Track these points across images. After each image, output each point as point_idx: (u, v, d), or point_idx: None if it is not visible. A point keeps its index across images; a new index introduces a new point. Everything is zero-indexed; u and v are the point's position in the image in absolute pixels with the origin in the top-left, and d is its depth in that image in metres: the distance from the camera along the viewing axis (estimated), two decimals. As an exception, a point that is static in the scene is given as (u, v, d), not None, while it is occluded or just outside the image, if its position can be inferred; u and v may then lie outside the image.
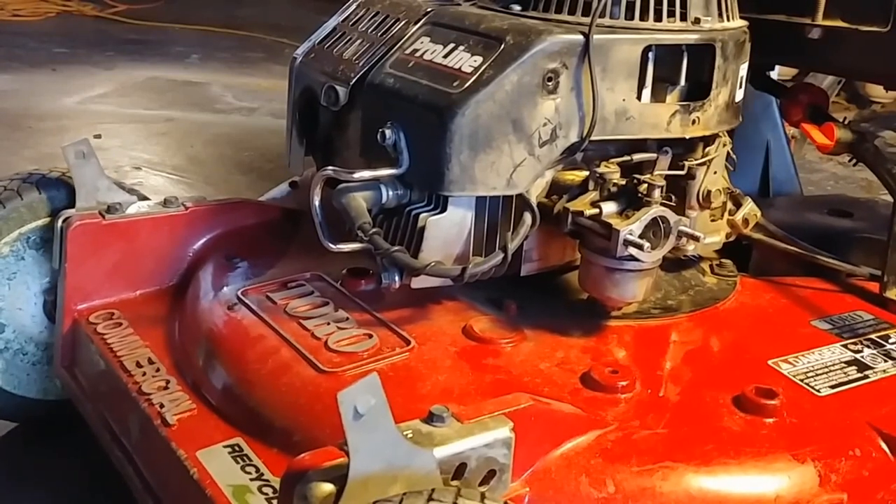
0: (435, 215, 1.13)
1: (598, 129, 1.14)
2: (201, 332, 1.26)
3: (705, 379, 1.13)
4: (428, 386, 1.09)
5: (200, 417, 1.13)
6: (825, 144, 1.46)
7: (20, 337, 1.47)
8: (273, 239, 1.45)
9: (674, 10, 1.17)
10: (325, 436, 0.99)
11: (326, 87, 1.25)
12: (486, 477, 0.87)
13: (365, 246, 1.13)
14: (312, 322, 1.20)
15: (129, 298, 1.39)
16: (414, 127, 1.13)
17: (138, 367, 1.22)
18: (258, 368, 1.15)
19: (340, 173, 1.15)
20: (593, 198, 1.16)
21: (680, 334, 1.23)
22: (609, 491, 0.95)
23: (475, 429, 0.86)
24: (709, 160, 1.25)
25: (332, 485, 0.78)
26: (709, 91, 1.19)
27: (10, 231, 1.42)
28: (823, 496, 0.99)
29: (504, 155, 1.11)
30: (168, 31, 5.30)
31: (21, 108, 3.55)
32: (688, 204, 1.26)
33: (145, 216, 1.39)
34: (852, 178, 3.24)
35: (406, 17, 1.27)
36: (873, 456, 1.02)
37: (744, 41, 1.23)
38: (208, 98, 3.95)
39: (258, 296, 1.28)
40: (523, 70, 1.09)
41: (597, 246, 1.14)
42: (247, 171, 3.06)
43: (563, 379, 1.10)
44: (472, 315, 1.21)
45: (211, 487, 1.01)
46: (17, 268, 1.44)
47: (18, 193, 1.43)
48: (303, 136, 1.37)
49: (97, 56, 4.57)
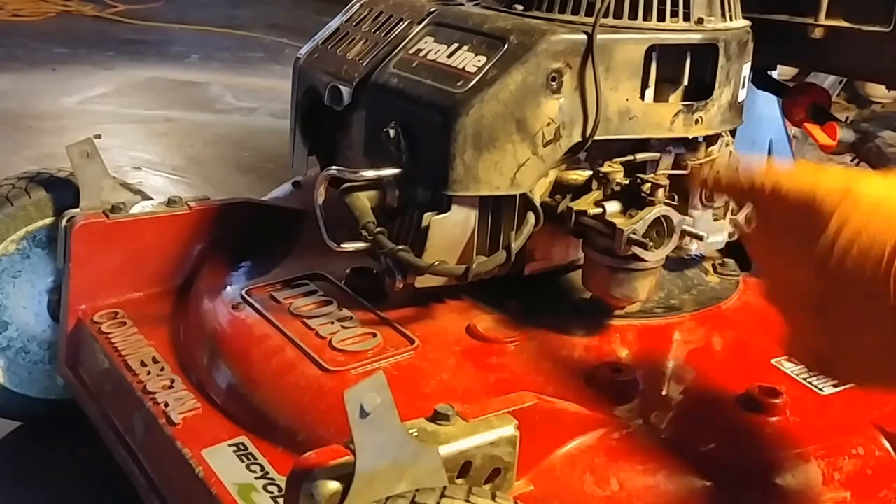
0: (439, 215, 1.13)
1: (602, 129, 1.14)
2: (206, 332, 1.26)
3: (709, 378, 1.14)
4: (432, 385, 1.09)
5: (205, 416, 1.13)
6: (828, 144, 1.47)
7: (23, 335, 1.47)
8: (277, 239, 1.45)
9: (677, 10, 1.18)
10: (330, 434, 1.00)
11: (330, 88, 1.26)
12: (491, 475, 0.87)
13: (369, 245, 1.14)
14: (317, 321, 1.21)
15: (134, 298, 1.39)
16: (418, 127, 1.13)
17: (143, 366, 1.23)
18: (263, 367, 1.15)
19: (344, 173, 1.15)
20: (597, 197, 1.17)
21: (683, 334, 1.23)
22: (613, 489, 0.95)
23: (480, 427, 0.87)
24: (712, 160, 1.26)
25: (338, 483, 0.78)
26: (712, 91, 1.20)
27: (18, 229, 1.42)
28: (827, 494, 0.99)
29: (508, 154, 1.11)
30: (168, 31, 5.30)
31: (21, 108, 3.55)
32: (691, 203, 1.26)
33: (149, 216, 1.39)
34: (852, 178, 3.24)
35: (409, 17, 1.27)
36: (876, 455, 1.03)
37: (746, 41, 1.23)
38: (208, 98, 3.95)
39: (262, 295, 1.28)
40: (527, 70, 1.09)
41: (600, 245, 1.15)
42: (247, 171, 3.06)
43: (567, 378, 1.10)
44: (475, 314, 1.22)
45: (216, 486, 1.01)
46: (22, 266, 1.45)
47: (27, 192, 1.43)
48: (306, 136, 1.37)
49: (97, 56, 4.57)
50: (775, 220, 0.86)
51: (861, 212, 0.77)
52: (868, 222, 0.77)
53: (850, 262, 0.77)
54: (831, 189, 0.80)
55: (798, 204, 0.82)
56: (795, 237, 0.82)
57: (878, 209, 0.77)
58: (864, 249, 0.76)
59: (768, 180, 0.86)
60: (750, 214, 0.92)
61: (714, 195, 1.23)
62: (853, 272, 0.77)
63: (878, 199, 0.77)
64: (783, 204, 0.84)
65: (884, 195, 0.78)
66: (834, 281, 0.79)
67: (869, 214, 0.77)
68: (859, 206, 0.78)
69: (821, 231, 0.79)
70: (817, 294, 0.82)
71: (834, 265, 0.78)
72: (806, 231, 0.81)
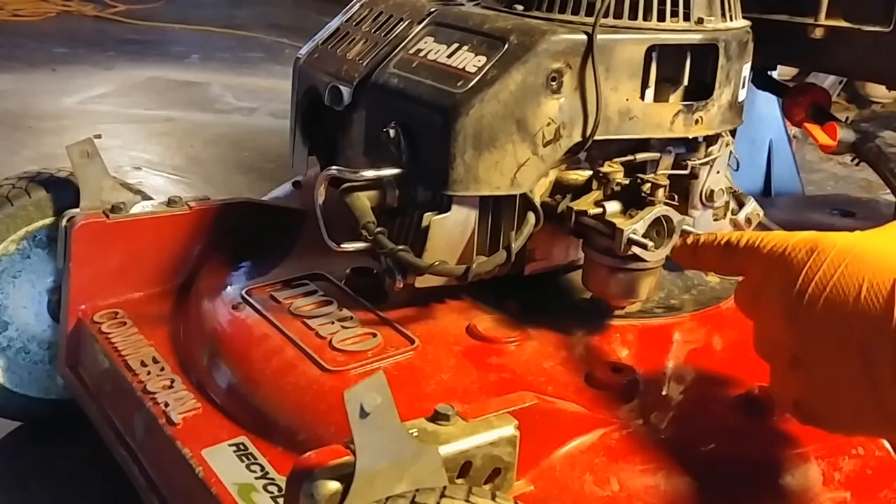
0: (439, 215, 1.13)
1: (602, 129, 1.14)
2: (206, 331, 1.26)
3: (709, 378, 1.14)
4: (432, 385, 1.09)
5: (205, 416, 1.13)
6: (828, 144, 1.47)
7: (23, 335, 1.47)
8: (277, 238, 1.45)
9: (677, 10, 1.18)
10: (330, 434, 1.00)
11: (330, 87, 1.26)
12: (491, 475, 0.87)
13: (369, 245, 1.14)
14: (317, 321, 1.21)
15: (134, 298, 1.39)
16: (418, 127, 1.13)
17: (143, 366, 1.23)
18: (263, 367, 1.15)
19: (344, 173, 1.15)
20: (597, 197, 1.17)
21: (683, 334, 1.23)
22: (613, 489, 0.95)
23: (480, 427, 0.86)
24: (712, 160, 1.26)
25: (338, 483, 0.78)
26: (712, 91, 1.20)
27: (18, 229, 1.42)
28: (826, 495, 0.99)
29: (508, 154, 1.11)
30: (168, 31, 5.30)
31: (21, 108, 3.55)
32: (691, 203, 1.26)
33: (149, 216, 1.39)
34: (852, 178, 3.25)
35: (410, 17, 1.27)
36: (876, 455, 1.03)
37: (747, 41, 1.24)
38: (208, 98, 3.95)
39: (262, 295, 1.29)
40: (527, 70, 1.09)
41: (600, 245, 1.15)
42: (247, 171, 3.06)
43: (567, 378, 1.10)
44: (475, 314, 1.22)
45: (216, 486, 1.01)
46: (22, 266, 1.45)
47: (27, 192, 1.43)
48: (306, 136, 1.37)
49: (97, 56, 4.57)
50: (751, 276, 0.90)
51: (828, 264, 0.80)
52: (834, 273, 0.80)
53: (819, 313, 0.80)
54: (800, 243, 0.84)
55: (769, 260, 0.86)
56: (769, 298, 0.86)
57: (844, 260, 0.80)
58: (831, 300, 0.79)
59: (743, 239, 0.92)
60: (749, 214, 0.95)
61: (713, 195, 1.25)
62: (822, 323, 0.80)
63: (845, 250, 0.81)
64: (758, 262, 0.88)
65: (850, 247, 0.81)
66: (805, 333, 0.82)
67: (835, 266, 0.80)
68: (826, 258, 0.81)
69: (791, 285, 0.82)
70: (791, 346, 0.85)
71: (803, 316, 0.82)
72: (777, 285, 0.84)
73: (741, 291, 0.94)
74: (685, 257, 1.05)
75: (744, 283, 0.93)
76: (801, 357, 0.85)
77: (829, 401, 0.85)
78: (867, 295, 0.77)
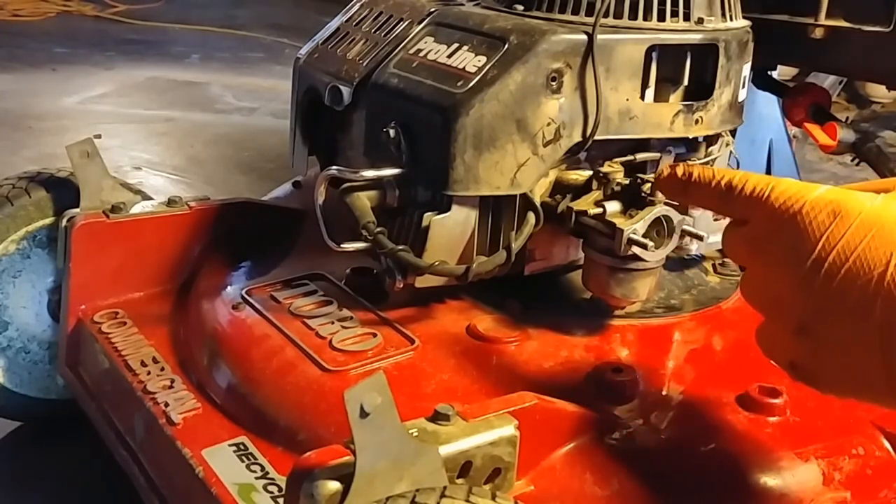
0: (439, 215, 1.13)
1: (602, 129, 1.14)
2: (206, 331, 1.26)
3: (709, 378, 1.14)
4: (432, 385, 1.09)
5: (205, 416, 1.13)
6: (828, 144, 1.47)
7: (23, 335, 1.47)
8: (277, 238, 1.45)
9: (677, 11, 1.18)
10: (330, 434, 1.00)
11: (330, 87, 1.26)
12: (491, 475, 0.87)
13: (369, 245, 1.14)
14: (317, 321, 1.21)
15: (134, 298, 1.39)
16: (418, 127, 1.13)
17: (143, 366, 1.23)
18: (263, 367, 1.15)
19: (344, 173, 1.15)
20: (597, 197, 1.17)
21: (683, 333, 1.23)
22: (613, 489, 0.95)
23: (480, 427, 0.87)
24: (712, 160, 1.26)
25: (338, 483, 0.78)
26: (712, 91, 1.20)
27: (18, 229, 1.42)
28: (827, 494, 0.99)
29: (508, 154, 1.11)
30: (168, 31, 5.30)
31: (21, 108, 3.55)
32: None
33: (149, 216, 1.39)
34: (852, 178, 3.24)
35: (410, 17, 1.27)
36: (876, 454, 1.03)
37: (747, 41, 1.24)
38: (208, 98, 3.95)
39: (262, 295, 1.29)
40: (527, 70, 1.09)
41: (600, 245, 1.15)
42: (247, 171, 3.06)
43: (567, 378, 1.10)
44: (475, 314, 1.22)
45: (216, 486, 1.01)
46: (22, 266, 1.45)
47: (27, 191, 1.43)
48: (306, 135, 1.37)
49: (97, 56, 4.58)
50: (754, 226, 0.82)
51: (853, 233, 0.74)
52: (859, 244, 0.74)
53: (838, 285, 0.75)
54: (819, 203, 0.77)
55: (781, 216, 0.79)
56: (776, 256, 0.79)
57: (871, 231, 0.74)
58: (853, 273, 0.74)
59: (749, 184, 0.82)
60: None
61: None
62: (840, 296, 0.75)
63: (871, 219, 0.75)
64: (764, 214, 0.80)
65: (878, 216, 0.75)
66: (820, 304, 0.77)
67: (861, 237, 0.74)
68: (850, 226, 0.75)
69: (806, 251, 0.76)
70: (799, 314, 0.79)
71: (819, 287, 0.76)
72: (788, 246, 0.78)
73: (735, 236, 0.84)
74: (674, 191, 0.93)
75: (742, 230, 0.83)
76: (809, 325, 0.78)
77: (835, 369, 0.79)
78: (894, 271, 0.72)
